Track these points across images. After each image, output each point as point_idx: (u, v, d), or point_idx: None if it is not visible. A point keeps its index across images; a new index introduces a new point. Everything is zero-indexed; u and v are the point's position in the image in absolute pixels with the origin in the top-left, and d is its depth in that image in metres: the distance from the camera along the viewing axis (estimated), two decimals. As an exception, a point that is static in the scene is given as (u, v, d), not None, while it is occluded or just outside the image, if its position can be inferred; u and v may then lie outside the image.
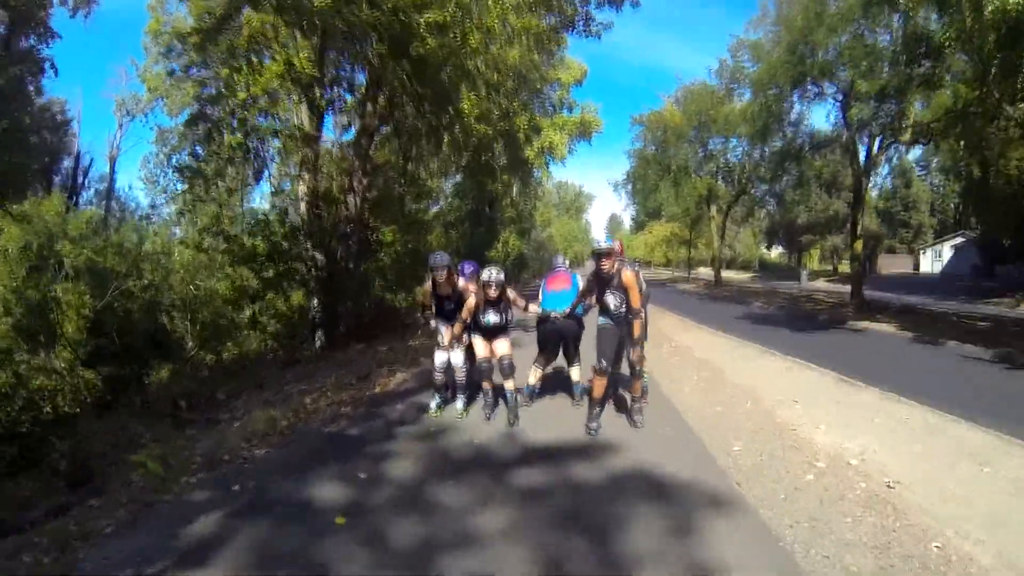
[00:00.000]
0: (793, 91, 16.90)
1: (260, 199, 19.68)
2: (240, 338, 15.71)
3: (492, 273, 5.13)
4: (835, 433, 4.82)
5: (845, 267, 42.27)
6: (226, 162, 11.36)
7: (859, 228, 16.38)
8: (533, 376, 5.81)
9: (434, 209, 29.54)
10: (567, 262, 6.39)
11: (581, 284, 5.43)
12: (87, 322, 12.58)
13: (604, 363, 4.76)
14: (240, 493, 3.63)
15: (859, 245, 16.48)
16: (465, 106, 10.28)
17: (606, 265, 4.73)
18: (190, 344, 17.05)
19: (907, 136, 14.95)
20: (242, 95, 10.01)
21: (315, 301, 12.04)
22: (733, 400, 5.89)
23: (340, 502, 3.44)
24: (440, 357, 5.42)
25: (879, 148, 16.72)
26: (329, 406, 5.96)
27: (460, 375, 5.50)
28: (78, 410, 10.13)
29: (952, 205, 47.58)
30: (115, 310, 14.40)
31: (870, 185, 17.87)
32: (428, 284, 5.52)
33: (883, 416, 5.35)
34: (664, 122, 28.35)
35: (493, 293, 5.10)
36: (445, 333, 5.38)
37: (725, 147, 29.59)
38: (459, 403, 5.52)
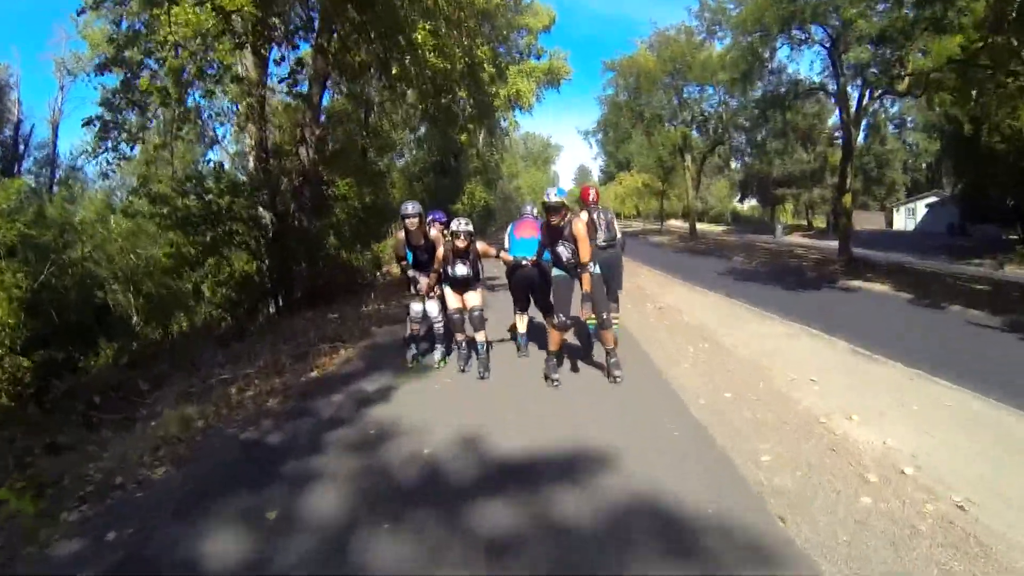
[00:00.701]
0: (780, 34, 15.67)
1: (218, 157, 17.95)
2: (192, 310, 14.36)
3: (460, 223, 5.11)
4: (872, 426, 3.94)
5: (819, 222, 42.08)
6: (142, 112, 9.78)
7: (848, 181, 15.55)
8: (520, 324, 5.89)
9: (399, 162, 29.03)
10: (535, 210, 6.17)
11: None
12: (22, 304, 11.22)
13: (561, 316, 4.79)
14: (113, 545, 2.64)
15: (848, 199, 15.70)
16: (419, 36, 8.82)
17: (555, 219, 4.64)
18: (135, 319, 15.56)
19: (904, 84, 13.97)
20: (168, 33, 8.33)
21: (265, 264, 10.79)
22: (743, 381, 4.94)
23: (232, 565, 2.41)
24: (416, 307, 5.49)
25: (870, 97, 15.73)
26: (255, 397, 4.85)
27: (437, 325, 5.60)
28: (13, 404, 8.94)
29: (925, 164, 47.40)
30: (54, 287, 12.89)
31: (857, 137, 16.88)
32: (400, 233, 5.51)
33: (919, 400, 4.53)
34: (638, 67, 26.79)
35: (461, 243, 5.05)
36: (422, 281, 5.40)
37: (701, 95, 28.33)
38: (437, 353, 5.63)
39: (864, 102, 15.67)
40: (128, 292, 14.84)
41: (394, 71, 10.01)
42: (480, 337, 5.23)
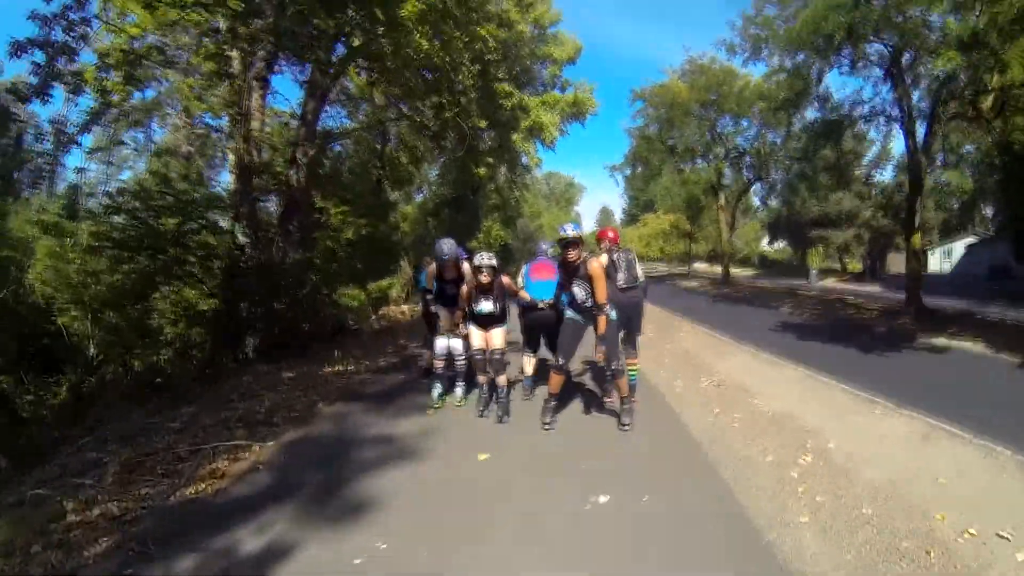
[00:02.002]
0: (839, 49, 13.78)
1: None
2: (144, 348, 12.47)
3: (484, 258, 5.01)
4: None
5: (854, 265, 39.58)
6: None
7: (918, 218, 13.33)
8: (528, 365, 5.79)
9: (418, 198, 27.80)
10: (551, 250, 5.93)
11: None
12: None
13: (562, 360, 4.73)
14: None
15: (917, 239, 13.43)
16: (405, 10, 7.01)
17: (572, 255, 4.56)
18: (92, 352, 13.65)
19: (988, 102, 11.88)
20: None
21: (220, 302, 8.97)
22: (910, 550, 2.79)
23: None
24: (440, 343, 5.44)
25: (936, 120, 13.58)
26: (90, 527, 2.87)
27: (460, 363, 5.52)
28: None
29: (957, 204, 44.60)
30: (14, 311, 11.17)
31: (928, 167, 14.64)
32: (433, 269, 5.48)
33: None
34: (671, 96, 24.93)
35: (485, 279, 4.97)
36: (444, 318, 5.37)
37: (736, 128, 26.46)
38: (459, 391, 5.58)
39: (933, 126, 13.55)
40: (87, 319, 12.96)
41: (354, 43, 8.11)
42: (501, 381, 5.08)
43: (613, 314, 4.67)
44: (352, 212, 13.42)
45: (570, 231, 4.63)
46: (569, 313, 4.75)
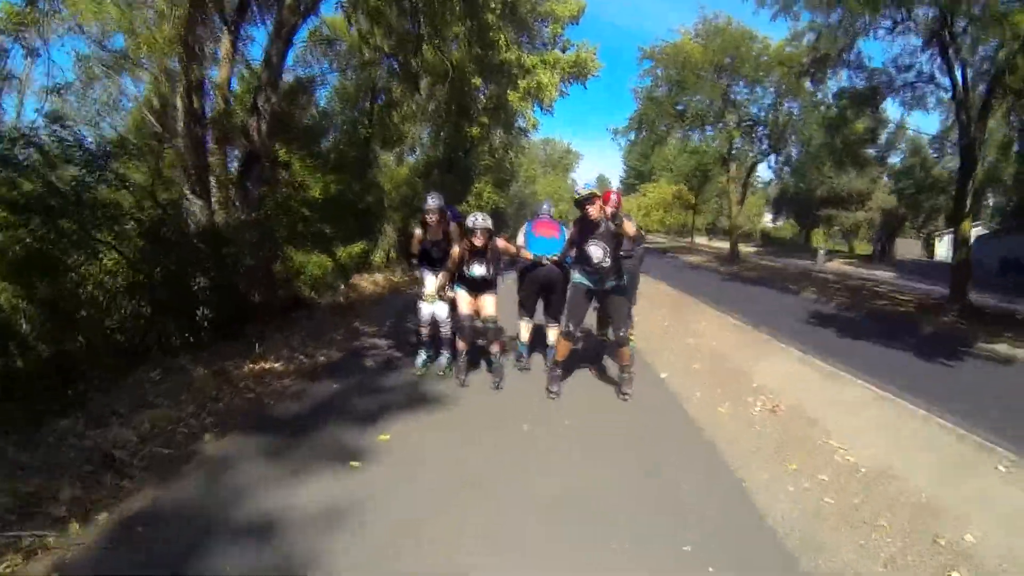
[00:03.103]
0: (881, 6, 11.96)
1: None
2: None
3: (478, 219, 4.77)
4: None
5: (862, 248, 38.19)
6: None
7: (967, 201, 11.70)
8: (524, 331, 5.59)
9: (411, 159, 27.04)
10: (553, 210, 5.87)
11: (568, 233, 5.13)
12: None
13: (572, 326, 4.65)
14: None
15: (967, 226, 11.81)
16: None
17: (592, 211, 4.44)
18: (25, 328, 11.81)
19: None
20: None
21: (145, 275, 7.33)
22: None
23: None
24: (425, 310, 5.18)
25: (989, 93, 11.83)
26: None
27: (445, 329, 5.26)
28: None
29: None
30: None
31: (982, 145, 12.89)
32: (418, 230, 5.20)
33: None
34: (683, 56, 22.82)
35: (479, 241, 4.70)
36: (428, 283, 5.13)
37: (752, 96, 24.48)
38: (443, 359, 5.31)
39: (991, 101, 11.79)
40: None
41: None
42: (495, 348, 4.97)
43: (623, 281, 4.72)
44: (319, 167, 11.63)
45: (583, 190, 4.59)
46: (577, 276, 4.66)
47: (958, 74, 11.96)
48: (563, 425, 4.20)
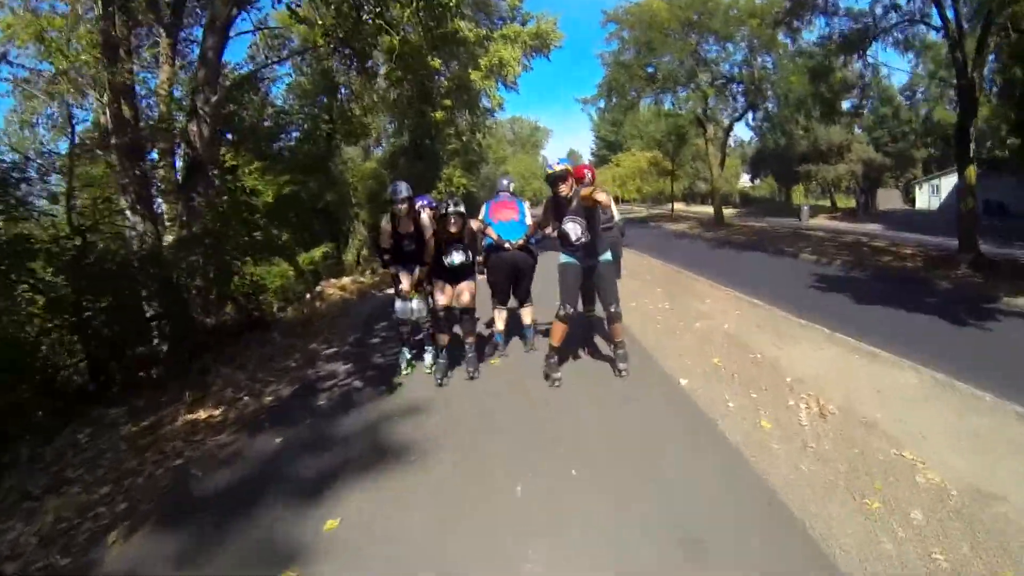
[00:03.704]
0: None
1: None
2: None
3: (451, 205, 4.69)
4: None
5: (845, 202, 37.77)
6: None
7: (971, 147, 10.95)
8: (499, 319, 5.37)
9: (377, 152, 25.98)
10: (512, 185, 5.53)
11: (529, 213, 5.20)
12: None
13: (568, 307, 4.44)
14: None
15: (972, 172, 11.11)
16: None
17: (563, 188, 4.37)
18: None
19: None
20: None
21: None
22: None
23: None
24: (402, 307, 4.99)
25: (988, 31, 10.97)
26: None
27: (426, 325, 5.07)
28: None
29: (941, 139, 42.33)
30: None
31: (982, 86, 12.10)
32: (387, 224, 4.88)
33: None
34: (649, 14, 21.72)
35: (454, 228, 4.63)
36: (404, 280, 4.90)
37: (724, 53, 23.55)
38: (427, 357, 5.17)
39: (986, 39, 10.94)
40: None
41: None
42: (470, 340, 4.82)
43: (609, 256, 4.57)
44: (270, 169, 10.56)
45: (556, 166, 4.45)
46: (563, 257, 4.48)
47: (950, 12, 11.16)
48: (569, 478, 3.10)
